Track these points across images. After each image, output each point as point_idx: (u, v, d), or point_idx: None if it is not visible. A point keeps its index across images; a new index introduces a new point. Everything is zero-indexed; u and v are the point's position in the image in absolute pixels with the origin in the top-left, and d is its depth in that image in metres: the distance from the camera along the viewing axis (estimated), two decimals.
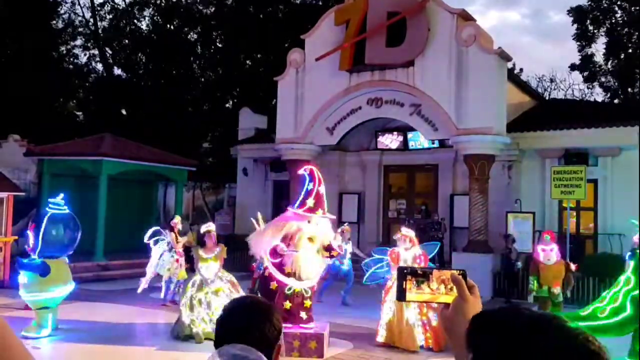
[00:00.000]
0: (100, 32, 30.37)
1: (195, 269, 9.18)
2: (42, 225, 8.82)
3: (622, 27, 26.77)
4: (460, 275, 1.34)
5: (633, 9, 25.98)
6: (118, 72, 30.73)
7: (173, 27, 30.03)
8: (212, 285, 8.85)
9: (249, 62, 29.59)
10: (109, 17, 30.47)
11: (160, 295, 11.64)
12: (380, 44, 14.96)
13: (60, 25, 29.86)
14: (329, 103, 16.15)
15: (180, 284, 10.69)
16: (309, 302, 8.20)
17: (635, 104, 22.52)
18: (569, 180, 13.10)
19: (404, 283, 1.37)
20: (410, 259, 8.73)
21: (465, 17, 14.93)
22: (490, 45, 14.66)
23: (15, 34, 24.87)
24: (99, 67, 31.16)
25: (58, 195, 9.36)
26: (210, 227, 9.61)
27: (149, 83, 29.22)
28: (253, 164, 20.60)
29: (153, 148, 18.67)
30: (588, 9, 27.05)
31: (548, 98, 28.31)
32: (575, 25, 27.51)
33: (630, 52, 26.78)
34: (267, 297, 7.56)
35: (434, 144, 16.88)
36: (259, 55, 29.20)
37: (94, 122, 26.86)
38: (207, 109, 29.48)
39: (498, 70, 14.52)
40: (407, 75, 14.98)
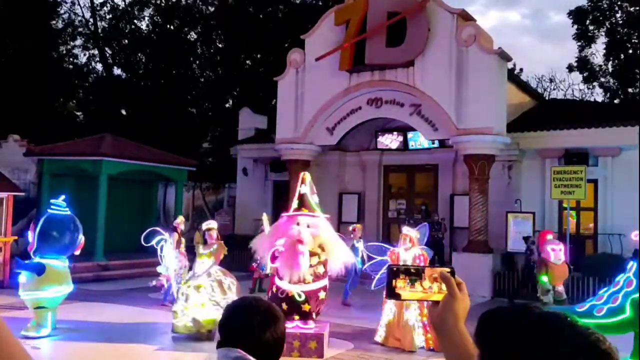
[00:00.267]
0: (100, 32, 30.35)
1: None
2: (38, 225, 8.83)
3: (622, 27, 26.75)
4: (449, 273, 1.37)
5: (633, 9, 25.97)
6: (118, 72, 30.75)
7: (173, 27, 30.00)
8: (196, 280, 8.86)
9: (249, 62, 29.57)
10: (109, 17, 30.45)
11: (161, 296, 11.63)
12: (380, 44, 14.95)
13: (60, 25, 29.86)
14: (329, 103, 16.14)
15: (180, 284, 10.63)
16: (308, 306, 8.06)
17: (635, 104, 22.51)
18: (569, 181, 13.11)
19: (394, 282, 1.39)
20: (410, 259, 8.70)
21: (465, 17, 14.92)
22: (490, 46, 14.65)
23: (15, 34, 24.85)
24: (99, 67, 31.19)
25: (59, 196, 9.36)
26: (211, 224, 9.56)
27: (149, 83, 29.19)
28: (253, 164, 20.61)
29: (153, 148, 18.66)
30: (588, 10, 27.04)
31: (548, 98, 28.28)
32: (575, 26, 27.52)
33: (630, 52, 26.77)
34: (273, 299, 7.62)
35: (434, 144, 16.87)
36: (259, 55, 29.18)
37: (94, 122, 26.86)
38: (207, 109, 29.49)
39: (498, 71, 14.51)
40: (407, 75, 14.97)
